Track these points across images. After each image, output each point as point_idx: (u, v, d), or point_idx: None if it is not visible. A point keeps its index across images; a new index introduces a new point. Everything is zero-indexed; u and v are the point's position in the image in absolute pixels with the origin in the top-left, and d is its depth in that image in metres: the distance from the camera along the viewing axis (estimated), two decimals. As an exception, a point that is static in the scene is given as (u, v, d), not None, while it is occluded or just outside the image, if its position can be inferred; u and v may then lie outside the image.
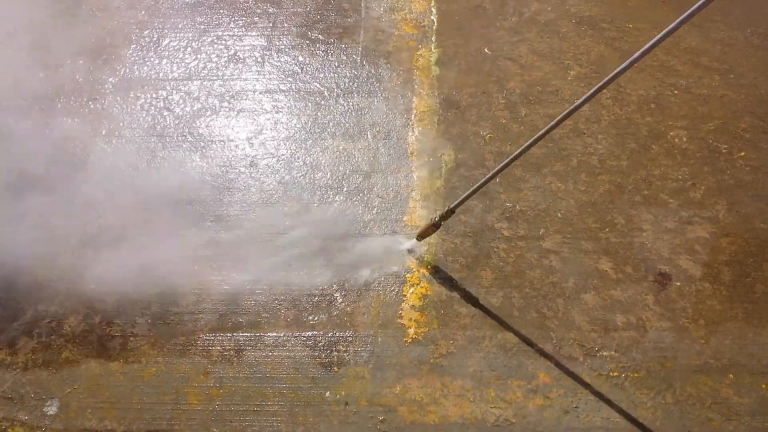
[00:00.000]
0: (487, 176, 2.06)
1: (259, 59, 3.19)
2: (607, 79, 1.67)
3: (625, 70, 1.63)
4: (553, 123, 1.80)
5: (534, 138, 1.86)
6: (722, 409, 2.05)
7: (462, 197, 2.18)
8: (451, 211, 2.20)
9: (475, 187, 2.12)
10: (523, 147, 1.90)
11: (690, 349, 2.18)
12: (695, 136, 2.78)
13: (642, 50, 1.59)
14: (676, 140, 2.77)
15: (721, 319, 2.25)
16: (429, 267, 2.41)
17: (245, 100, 3.00)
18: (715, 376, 2.12)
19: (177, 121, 2.90)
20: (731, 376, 2.12)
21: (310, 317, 2.27)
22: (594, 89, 1.70)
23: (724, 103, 2.91)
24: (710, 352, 2.17)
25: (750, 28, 3.23)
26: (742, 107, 2.89)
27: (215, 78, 3.10)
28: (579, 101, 1.74)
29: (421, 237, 2.40)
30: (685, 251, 2.42)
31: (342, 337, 2.23)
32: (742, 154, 2.72)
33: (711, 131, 2.80)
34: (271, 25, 3.36)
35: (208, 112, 2.94)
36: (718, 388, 2.09)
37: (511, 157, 1.95)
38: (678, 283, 2.34)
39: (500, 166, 1.99)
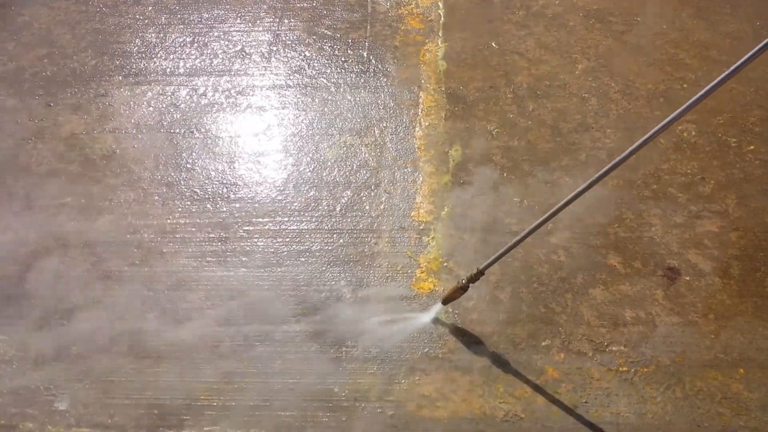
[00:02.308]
0: (514, 241, 1.94)
1: (266, 54, 3.19)
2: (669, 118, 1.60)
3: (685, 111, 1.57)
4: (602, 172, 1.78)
5: (580, 189, 1.85)
6: (732, 403, 2.04)
7: (491, 259, 2.02)
8: (480, 273, 2.03)
9: (503, 250, 1.98)
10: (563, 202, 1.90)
11: (700, 344, 2.17)
12: (704, 130, 2.77)
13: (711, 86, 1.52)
14: (685, 134, 2.76)
15: (731, 314, 2.24)
16: (436, 262, 2.41)
17: (252, 95, 3.00)
18: (725, 371, 2.11)
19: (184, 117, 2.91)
20: (741, 370, 2.11)
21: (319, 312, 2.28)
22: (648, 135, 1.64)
23: (733, 96, 2.89)
24: (720, 346, 2.16)
25: (759, 21, 3.20)
26: (752, 100, 2.87)
27: (222, 73, 3.10)
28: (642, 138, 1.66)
29: (446, 301, 2.21)
30: (695, 246, 2.41)
31: (351, 332, 2.23)
32: (752, 147, 2.70)
33: (720, 125, 2.78)
34: (277, 20, 3.36)
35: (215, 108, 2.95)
36: (729, 382, 2.08)
37: (537, 223, 1.91)
38: (687, 278, 2.33)
39: (537, 223, 1.92)
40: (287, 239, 2.48)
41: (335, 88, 3.02)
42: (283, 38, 3.27)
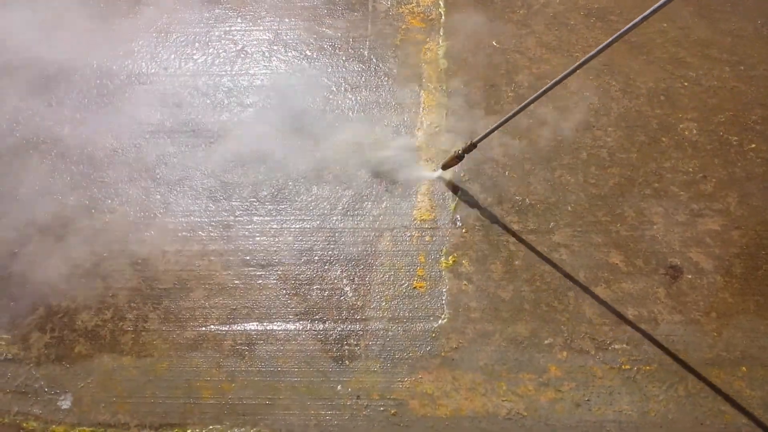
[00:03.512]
0: (508, 116, 2.22)
1: (267, 54, 3.19)
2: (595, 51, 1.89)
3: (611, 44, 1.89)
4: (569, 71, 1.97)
5: (553, 82, 2.03)
6: (734, 401, 2.05)
7: (483, 134, 2.36)
8: (473, 146, 2.40)
9: (496, 125, 2.29)
10: (544, 89, 2.06)
11: (702, 342, 2.17)
12: (705, 129, 2.77)
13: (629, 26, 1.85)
14: (687, 133, 2.76)
15: (733, 312, 2.24)
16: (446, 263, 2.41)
17: (253, 95, 3.00)
18: (727, 369, 2.11)
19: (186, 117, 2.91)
20: (743, 368, 2.11)
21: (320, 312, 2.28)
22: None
23: (735, 94, 2.89)
24: (722, 344, 2.17)
25: (760, 19, 3.20)
26: (753, 99, 2.87)
27: (223, 73, 3.10)
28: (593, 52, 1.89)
29: (445, 167, 2.60)
30: (696, 244, 2.42)
31: (353, 330, 2.23)
32: (753, 146, 2.70)
33: (721, 123, 2.79)
34: (278, 19, 3.36)
35: (217, 107, 2.95)
36: (731, 380, 2.09)
37: (531, 98, 2.10)
38: (689, 276, 2.33)
39: (521, 105, 2.14)
40: (290, 238, 2.48)
41: (336, 87, 3.02)
42: (284, 37, 3.26)
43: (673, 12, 3.25)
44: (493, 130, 2.30)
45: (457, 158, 2.48)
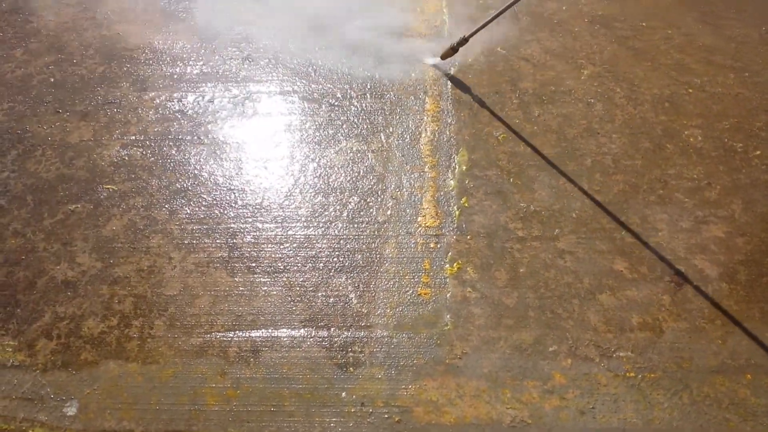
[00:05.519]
0: (499, 11, 2.74)
1: (272, 60, 3.21)
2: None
3: None
4: None
5: None
6: (739, 409, 2.04)
7: (475, 29, 2.89)
8: (464, 40, 2.93)
9: (486, 20, 2.82)
10: None
11: (707, 350, 2.17)
12: (710, 135, 2.77)
13: None
14: (691, 139, 2.76)
15: (738, 319, 2.24)
16: (451, 269, 2.41)
17: (259, 102, 3.02)
18: (732, 377, 2.11)
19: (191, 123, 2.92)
20: (748, 376, 2.11)
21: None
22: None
23: (739, 101, 2.89)
24: (727, 352, 2.16)
25: (764, 26, 3.20)
26: (758, 105, 2.87)
27: (230, 79, 3.12)
28: None
29: (443, 57, 3.09)
30: (701, 251, 2.41)
31: (357, 338, 2.23)
32: (758, 152, 2.70)
33: (726, 130, 2.79)
34: (283, 26, 3.38)
35: (223, 113, 2.96)
36: (736, 388, 2.08)
37: None
38: (694, 283, 2.33)
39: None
40: (294, 245, 2.49)
41: (341, 94, 3.03)
42: (289, 45, 3.28)
43: (678, 18, 3.26)
44: (483, 26, 2.85)
45: (452, 50, 3.00)
